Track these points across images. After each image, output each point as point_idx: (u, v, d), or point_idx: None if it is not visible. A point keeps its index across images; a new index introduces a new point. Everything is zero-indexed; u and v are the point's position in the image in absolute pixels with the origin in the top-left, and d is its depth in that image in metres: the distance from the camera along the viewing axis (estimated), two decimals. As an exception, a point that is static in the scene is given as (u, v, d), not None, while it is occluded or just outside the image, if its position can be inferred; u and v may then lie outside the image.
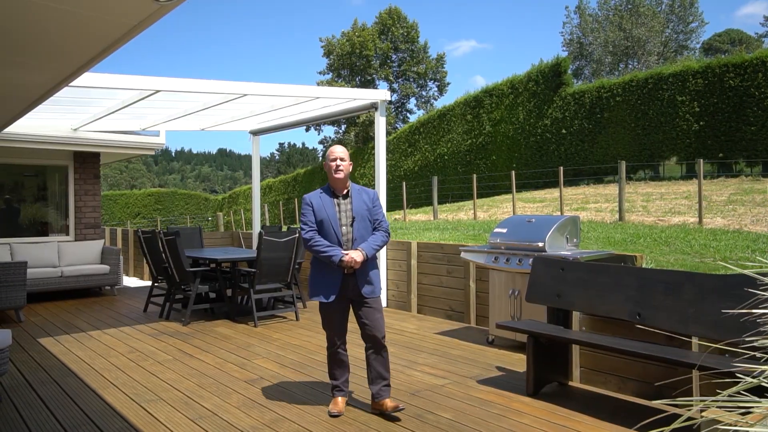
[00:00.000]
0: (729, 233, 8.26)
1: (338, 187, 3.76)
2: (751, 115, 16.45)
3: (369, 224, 3.76)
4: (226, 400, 4.03)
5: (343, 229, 3.67)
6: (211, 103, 7.45)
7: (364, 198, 3.78)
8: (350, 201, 3.74)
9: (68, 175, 9.44)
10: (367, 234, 3.73)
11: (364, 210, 3.73)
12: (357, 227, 3.70)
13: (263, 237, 6.51)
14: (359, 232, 3.70)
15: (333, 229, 3.66)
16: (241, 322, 6.76)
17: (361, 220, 3.71)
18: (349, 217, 3.70)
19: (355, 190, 3.79)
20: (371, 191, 3.87)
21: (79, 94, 6.42)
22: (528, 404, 3.88)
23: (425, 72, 42.35)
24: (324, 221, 3.67)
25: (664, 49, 41.35)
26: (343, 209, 3.71)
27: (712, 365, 3.09)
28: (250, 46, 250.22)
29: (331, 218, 3.66)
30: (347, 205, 3.73)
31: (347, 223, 3.69)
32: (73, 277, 8.53)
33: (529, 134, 22.15)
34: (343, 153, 3.75)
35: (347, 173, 3.76)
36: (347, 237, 3.69)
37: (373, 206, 3.79)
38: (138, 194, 42.50)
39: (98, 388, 4.33)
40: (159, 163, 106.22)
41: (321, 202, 3.69)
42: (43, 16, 2.81)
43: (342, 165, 3.71)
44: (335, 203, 3.71)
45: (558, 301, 4.25)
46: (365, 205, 3.74)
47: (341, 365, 3.84)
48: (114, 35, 3.01)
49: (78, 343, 5.79)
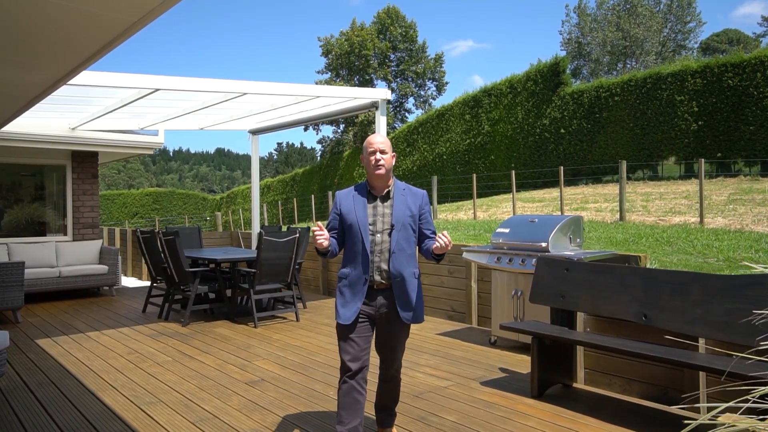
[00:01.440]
0: (731, 233, 8.24)
1: (378, 185, 3.03)
2: (750, 114, 16.45)
3: (412, 234, 3.03)
4: (227, 403, 3.98)
5: (376, 238, 2.95)
6: (211, 102, 7.39)
7: (410, 201, 3.04)
8: (391, 204, 3.01)
9: (66, 174, 9.37)
10: (408, 247, 2.99)
11: (407, 216, 3.00)
12: (397, 238, 2.96)
13: (263, 237, 6.46)
14: (399, 244, 2.96)
15: (361, 236, 2.93)
16: (241, 323, 6.71)
17: (402, 229, 2.97)
18: (386, 224, 2.97)
19: (398, 189, 3.06)
20: (420, 192, 3.11)
21: (77, 92, 6.36)
22: (533, 406, 3.84)
23: (424, 71, 42.33)
24: (353, 226, 2.97)
25: (662, 49, 41.40)
26: (379, 213, 2.99)
27: (721, 368, 3.05)
28: (248, 45, 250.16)
29: (360, 223, 2.94)
30: (386, 209, 3.00)
31: (383, 229, 2.97)
32: (71, 277, 8.46)
33: (528, 134, 22.12)
34: (385, 144, 3.00)
35: (389, 168, 3.01)
36: (381, 248, 2.95)
37: (421, 212, 3.07)
38: (136, 194, 42.38)
39: (97, 390, 4.27)
40: (157, 163, 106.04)
41: (352, 204, 2.99)
42: (42, 11, 2.76)
43: (383, 159, 2.97)
44: (371, 206, 3.00)
45: (562, 301, 4.21)
46: (409, 210, 3.01)
47: (354, 406, 2.93)
48: (115, 31, 2.96)
49: (76, 345, 5.73)
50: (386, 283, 2.98)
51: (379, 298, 3.00)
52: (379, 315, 3.01)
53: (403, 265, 2.98)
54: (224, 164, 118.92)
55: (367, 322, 3.00)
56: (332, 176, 34.20)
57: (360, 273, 2.95)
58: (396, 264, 2.96)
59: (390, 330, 3.05)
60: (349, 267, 3.00)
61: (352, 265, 2.99)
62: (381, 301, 3.00)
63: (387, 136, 7.73)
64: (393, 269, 2.96)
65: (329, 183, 33.76)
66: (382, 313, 3.01)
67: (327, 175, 35.09)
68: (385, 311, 3.00)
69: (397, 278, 2.96)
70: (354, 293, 2.96)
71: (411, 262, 3.02)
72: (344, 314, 2.95)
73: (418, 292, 3.04)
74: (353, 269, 2.98)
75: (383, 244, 2.97)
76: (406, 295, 2.98)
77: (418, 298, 3.04)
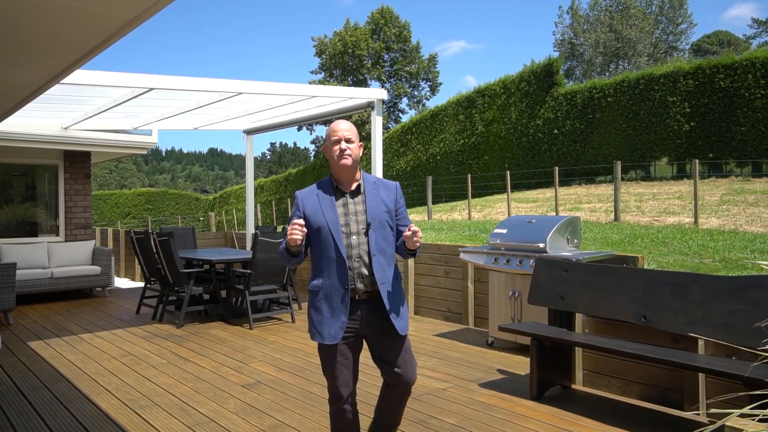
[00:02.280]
0: (725, 233, 8.27)
1: (344, 179, 2.66)
2: (741, 115, 16.55)
3: (390, 233, 2.66)
4: (224, 406, 3.93)
5: (352, 240, 2.58)
6: (205, 102, 7.33)
7: (383, 195, 2.68)
8: (363, 199, 2.65)
9: (58, 174, 9.27)
10: (388, 247, 2.64)
11: (383, 212, 2.64)
12: (375, 238, 2.59)
13: (258, 237, 6.41)
14: (378, 244, 2.60)
15: (333, 240, 2.56)
16: (236, 325, 6.65)
17: (379, 227, 2.62)
18: (361, 222, 2.61)
19: (368, 182, 2.70)
20: (392, 184, 2.77)
21: (70, 91, 6.28)
22: (532, 408, 3.81)
23: (417, 72, 42.36)
24: (321, 229, 2.58)
25: (654, 51, 41.65)
26: (351, 211, 2.62)
27: (722, 369, 3.04)
28: (241, 45, 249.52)
29: (331, 224, 2.56)
30: (358, 206, 2.64)
31: (358, 231, 2.60)
32: (64, 278, 8.37)
33: (522, 134, 22.17)
34: (351, 131, 2.64)
35: (357, 159, 2.64)
36: (359, 251, 2.59)
37: (397, 207, 2.72)
38: (128, 194, 42.11)
39: (91, 393, 4.21)
40: (149, 163, 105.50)
41: (317, 203, 2.62)
42: (35, 8, 2.71)
43: (349, 148, 2.60)
44: (340, 203, 2.63)
45: (561, 303, 4.19)
46: (384, 205, 2.65)
47: (348, 427, 2.75)
48: (110, 29, 2.90)
49: (69, 347, 5.66)
50: (370, 291, 2.60)
51: (362, 310, 2.60)
52: (366, 329, 2.63)
53: (386, 268, 2.61)
54: (217, 164, 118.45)
55: (354, 338, 2.62)
56: (325, 176, 34.05)
57: (337, 283, 2.55)
58: (378, 267, 2.58)
59: (384, 343, 2.64)
60: (322, 278, 2.59)
61: (325, 274, 2.58)
62: (366, 313, 2.60)
63: (382, 136, 7.70)
64: (377, 274, 2.57)
65: (323, 183, 33.61)
66: (370, 327, 2.62)
67: (320, 175, 35.00)
68: (373, 323, 2.61)
69: (384, 283, 2.58)
70: (333, 308, 2.55)
71: (392, 263, 2.68)
72: (327, 333, 2.55)
73: (401, 296, 2.70)
74: (327, 279, 2.57)
75: (360, 246, 2.59)
76: (395, 301, 2.62)
77: (403, 304, 2.69)
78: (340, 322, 2.55)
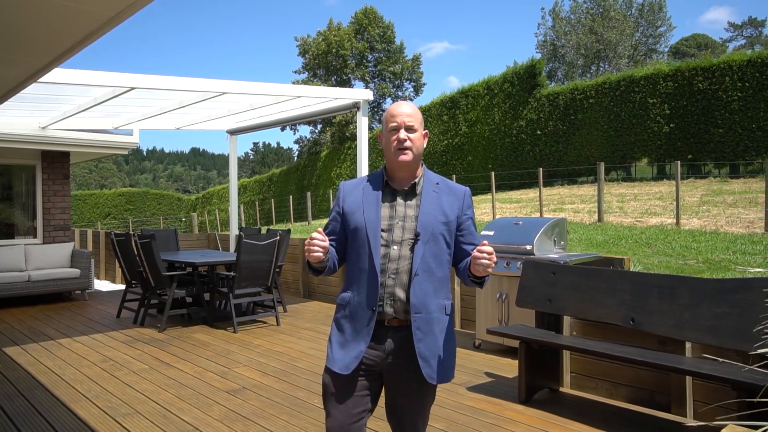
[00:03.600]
0: (707, 234, 8.37)
1: (400, 176, 2.12)
2: (719, 117, 16.84)
3: (445, 250, 2.09)
4: (208, 413, 3.85)
5: (391, 251, 2.05)
6: (188, 102, 7.20)
7: (445, 202, 2.11)
8: (417, 203, 2.10)
9: (36, 175, 9.05)
10: (438, 267, 2.07)
11: (440, 222, 2.07)
12: (422, 253, 2.04)
13: (243, 240, 6.31)
14: (425, 262, 2.04)
15: (369, 247, 2.04)
16: (220, 328, 6.55)
17: (431, 241, 2.05)
18: (408, 231, 2.06)
19: (430, 183, 2.13)
20: (461, 189, 2.17)
21: (48, 90, 6.13)
22: (521, 412, 3.80)
23: (401, 72, 42.38)
24: (358, 231, 2.08)
25: (635, 53, 42.20)
26: (399, 215, 2.08)
27: (710, 372, 3.05)
28: (224, 46, 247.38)
29: (369, 227, 2.05)
30: (409, 210, 2.09)
31: (403, 240, 2.06)
32: (42, 281, 8.17)
33: (505, 135, 22.29)
34: (413, 117, 2.08)
35: (419, 153, 2.10)
36: (397, 266, 2.05)
37: (461, 219, 2.13)
38: (108, 194, 41.50)
39: (69, 401, 4.09)
40: (130, 163, 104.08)
41: (361, 199, 2.11)
42: (13, 4, 2.60)
43: (411, 139, 2.06)
44: (387, 204, 2.10)
45: (549, 305, 4.18)
46: (443, 214, 2.09)
47: None
48: (90, 27, 2.81)
49: (47, 353, 5.51)
50: (402, 319, 2.07)
51: (390, 340, 2.08)
52: (388, 366, 2.09)
53: (429, 295, 2.05)
54: (199, 164, 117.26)
55: (367, 377, 2.09)
56: (309, 177, 33.98)
57: (364, 301, 2.05)
58: (418, 292, 2.03)
59: (406, 390, 2.10)
60: (351, 291, 2.11)
61: (354, 288, 2.09)
62: (392, 344, 2.07)
63: (367, 137, 7.65)
64: (414, 299, 2.03)
65: (306, 183, 33.53)
66: (394, 364, 2.08)
67: (304, 175, 34.84)
68: (399, 361, 2.08)
69: (420, 313, 2.04)
70: (356, 330, 2.06)
71: (441, 289, 2.10)
72: (340, 359, 2.06)
73: (448, 334, 2.11)
74: (355, 294, 2.08)
75: (401, 261, 2.05)
76: (432, 340, 2.05)
77: (449, 344, 2.11)
78: (357, 351, 2.05)
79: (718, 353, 3.42)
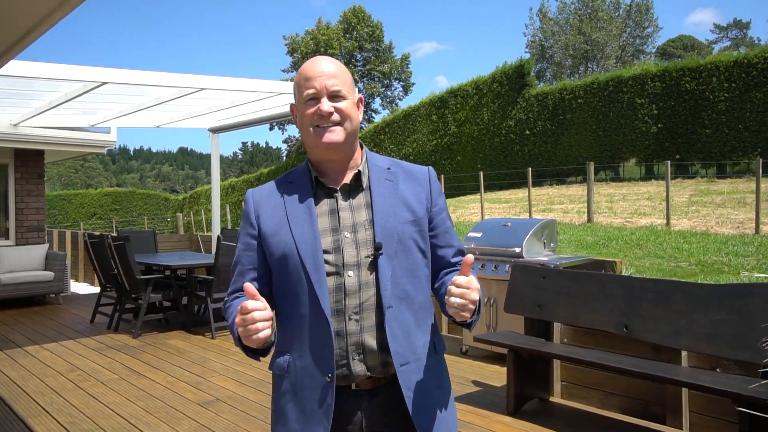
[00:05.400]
0: (697, 235, 8.25)
1: (331, 166, 1.45)
2: (706, 118, 16.83)
3: (421, 261, 1.45)
4: (176, 428, 3.61)
5: (346, 279, 1.37)
6: (165, 98, 6.93)
7: (406, 191, 1.46)
8: (367, 200, 1.44)
9: (8, 174, 8.72)
10: (417, 290, 1.43)
11: (406, 222, 1.42)
12: (389, 273, 1.38)
13: (221, 242, 6.07)
14: (396, 285, 1.39)
15: (307, 281, 1.36)
16: (198, 333, 6.29)
17: (400, 251, 1.40)
18: (363, 244, 1.39)
19: (377, 169, 1.48)
20: (421, 170, 1.52)
21: (17, 85, 5.84)
22: (509, 425, 3.60)
23: (390, 72, 42.21)
24: (288, 257, 1.38)
25: (622, 53, 42.38)
26: (345, 224, 1.41)
27: (708, 384, 2.87)
28: (214, 46, 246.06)
29: (302, 250, 1.37)
30: (358, 213, 1.43)
31: (358, 261, 1.39)
32: (13, 285, 7.85)
33: (494, 135, 22.17)
34: (338, 75, 1.39)
35: (354, 130, 1.43)
36: (358, 302, 1.38)
37: (434, 209, 1.49)
38: (94, 194, 40.87)
39: (27, 416, 3.82)
40: (116, 162, 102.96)
41: (283, 209, 1.42)
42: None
43: (338, 108, 1.38)
44: (323, 210, 1.43)
45: (539, 311, 3.99)
46: (407, 208, 1.44)
47: None
48: (31, 21, 2.57)
49: (10, 361, 5.22)
50: (379, 379, 1.40)
51: (362, 414, 1.40)
52: None
53: (413, 332, 1.42)
54: (187, 163, 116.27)
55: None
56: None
57: (310, 366, 1.37)
58: (398, 332, 1.38)
59: None
60: (291, 353, 1.41)
61: (296, 347, 1.40)
62: (370, 416, 1.40)
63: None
64: (395, 345, 1.37)
65: (294, 183, 33.19)
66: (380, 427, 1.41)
67: (292, 175, 34.53)
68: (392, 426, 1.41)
69: (407, 363, 1.38)
70: (305, 412, 1.37)
71: (425, 320, 1.47)
72: None
73: (444, 385, 1.49)
74: (297, 357, 1.40)
75: (363, 292, 1.38)
76: (429, 397, 1.41)
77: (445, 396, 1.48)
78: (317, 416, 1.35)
79: (716, 362, 3.24)
